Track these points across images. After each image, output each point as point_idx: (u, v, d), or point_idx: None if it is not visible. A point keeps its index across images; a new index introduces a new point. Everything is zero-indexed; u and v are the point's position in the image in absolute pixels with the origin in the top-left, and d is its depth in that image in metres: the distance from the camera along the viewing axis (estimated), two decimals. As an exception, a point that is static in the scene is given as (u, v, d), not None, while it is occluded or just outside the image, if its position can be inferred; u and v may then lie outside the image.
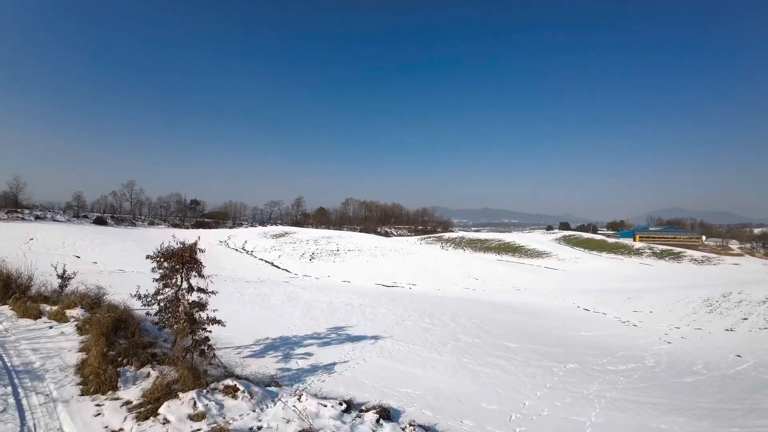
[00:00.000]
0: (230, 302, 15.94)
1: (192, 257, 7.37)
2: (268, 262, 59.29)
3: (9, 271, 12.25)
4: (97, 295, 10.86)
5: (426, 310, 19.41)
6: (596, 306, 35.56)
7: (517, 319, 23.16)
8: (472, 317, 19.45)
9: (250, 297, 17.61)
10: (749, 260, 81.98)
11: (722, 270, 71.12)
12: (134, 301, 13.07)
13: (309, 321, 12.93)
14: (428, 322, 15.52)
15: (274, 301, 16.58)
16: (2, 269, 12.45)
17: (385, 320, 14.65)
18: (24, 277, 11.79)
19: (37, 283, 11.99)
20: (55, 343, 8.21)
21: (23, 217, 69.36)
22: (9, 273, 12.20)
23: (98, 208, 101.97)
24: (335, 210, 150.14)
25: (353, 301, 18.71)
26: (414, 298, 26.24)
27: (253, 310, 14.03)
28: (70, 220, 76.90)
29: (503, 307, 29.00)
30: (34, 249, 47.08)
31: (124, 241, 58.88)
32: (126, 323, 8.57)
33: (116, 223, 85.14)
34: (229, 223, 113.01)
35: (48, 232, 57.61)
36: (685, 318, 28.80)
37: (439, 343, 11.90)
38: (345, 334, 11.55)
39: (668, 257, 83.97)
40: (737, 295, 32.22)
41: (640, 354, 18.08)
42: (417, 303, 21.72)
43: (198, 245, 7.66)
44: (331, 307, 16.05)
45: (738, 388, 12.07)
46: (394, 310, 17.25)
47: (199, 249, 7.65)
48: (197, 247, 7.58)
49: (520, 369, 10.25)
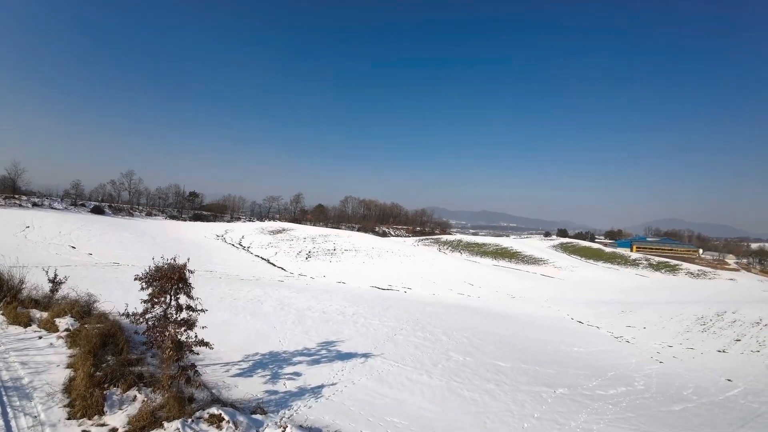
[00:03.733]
0: (222, 308, 15.87)
1: (181, 278, 7.29)
2: (264, 259, 59.21)
3: (1, 273, 12.15)
4: (88, 302, 10.78)
5: (419, 321, 19.36)
6: (590, 319, 35.61)
7: (511, 332, 23.15)
8: (464, 330, 19.42)
9: (243, 302, 17.54)
10: (745, 276, 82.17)
11: (717, 285, 71.26)
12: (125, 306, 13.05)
13: (300, 333, 12.87)
14: (420, 336, 15.47)
15: (266, 308, 16.51)
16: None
17: (377, 334, 14.59)
18: (15, 279, 11.70)
19: (29, 285, 11.89)
20: (44, 356, 8.14)
21: (21, 204, 69.08)
22: (1, 275, 12.10)
23: (96, 196, 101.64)
24: (334, 207, 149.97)
25: (346, 310, 18.64)
26: (408, 305, 26.17)
27: (244, 319, 13.95)
28: (67, 208, 76.62)
29: (497, 317, 28.99)
30: (30, 238, 46.93)
31: (121, 232, 58.74)
32: (115, 337, 8.51)
33: (114, 213, 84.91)
34: (227, 217, 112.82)
35: (44, 220, 57.40)
36: (678, 336, 28.85)
37: (430, 362, 11.86)
38: (335, 350, 11.49)
39: (664, 269, 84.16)
40: (731, 314, 32.26)
41: (631, 375, 18.09)
42: (410, 312, 21.65)
43: (187, 267, 7.57)
44: (324, 317, 15.98)
45: (726, 420, 12.07)
46: (386, 322, 17.19)
47: (188, 270, 7.57)
48: (186, 268, 7.50)
49: (510, 395, 10.22)
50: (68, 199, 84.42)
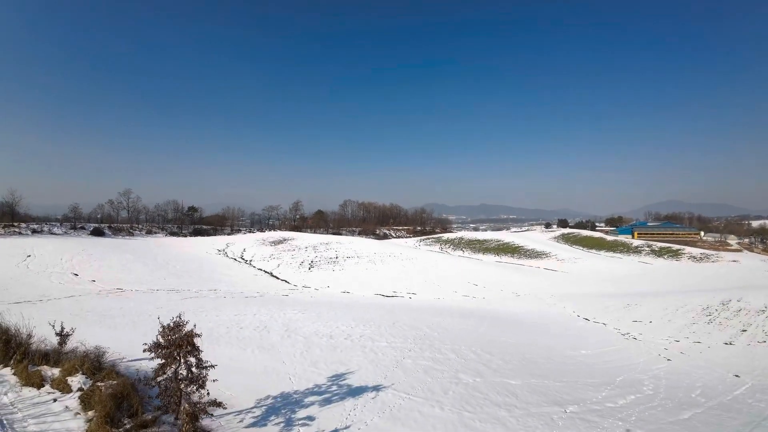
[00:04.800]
0: (230, 341, 15.98)
1: (190, 343, 7.39)
2: (267, 272, 59.32)
3: (8, 327, 12.23)
4: (98, 355, 10.88)
5: (426, 337, 19.48)
6: (596, 314, 35.74)
7: (518, 339, 23.27)
8: (472, 343, 19.54)
9: (249, 332, 17.63)
10: (748, 256, 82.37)
11: (721, 268, 71.40)
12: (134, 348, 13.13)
13: (309, 367, 12.98)
14: (429, 357, 15.59)
15: (273, 338, 16.61)
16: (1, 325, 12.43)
17: (385, 359, 14.70)
18: (23, 334, 11.78)
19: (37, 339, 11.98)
20: (62, 423, 8.24)
21: (20, 232, 69.12)
22: (8, 328, 12.19)
23: (95, 218, 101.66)
24: (333, 212, 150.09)
25: (353, 332, 18.75)
26: (414, 318, 26.29)
27: (252, 354, 14.05)
28: (67, 232, 76.65)
29: (503, 323, 29.12)
30: (32, 267, 47.01)
31: (122, 254, 58.79)
32: (129, 397, 8.61)
33: (114, 234, 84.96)
34: (227, 230, 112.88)
35: (45, 248, 57.46)
36: (684, 329, 29.00)
37: (441, 390, 11.97)
38: (346, 384, 11.60)
39: (667, 255, 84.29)
40: (736, 303, 32.42)
41: (639, 378, 18.22)
42: (417, 327, 21.76)
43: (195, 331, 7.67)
44: (331, 344, 16.09)
45: (733, 426, 12.19)
46: (394, 342, 17.31)
47: (196, 334, 7.66)
48: (194, 332, 7.60)
49: (521, 421, 10.34)
50: (68, 223, 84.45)
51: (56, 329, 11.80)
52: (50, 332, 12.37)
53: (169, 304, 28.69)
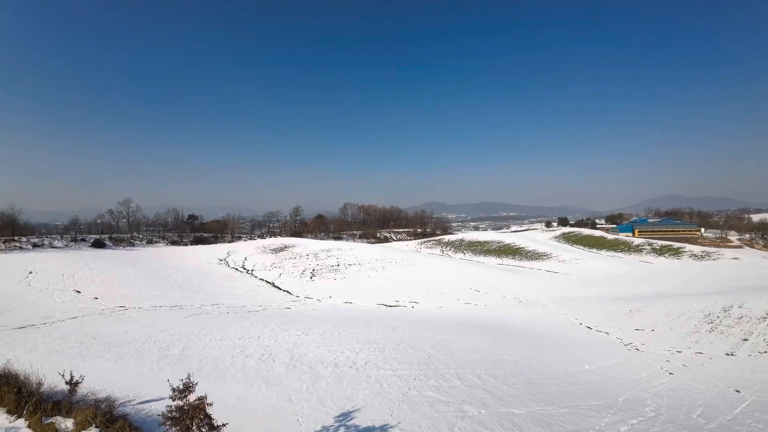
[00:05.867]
0: (235, 373, 16.09)
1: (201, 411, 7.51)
2: (269, 282, 59.45)
3: (17, 374, 12.35)
4: (109, 405, 11.00)
5: (431, 359, 19.64)
6: (599, 322, 35.89)
7: (522, 356, 23.40)
8: (476, 365, 19.69)
9: (254, 362, 17.75)
10: (748, 253, 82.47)
11: (722, 266, 71.61)
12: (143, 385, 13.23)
13: (316, 405, 13.10)
14: (434, 386, 15.72)
15: (278, 368, 16.74)
16: (10, 372, 12.54)
17: (391, 390, 14.83)
18: (34, 383, 11.89)
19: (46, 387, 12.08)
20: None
21: (21, 246, 69.25)
22: (17, 375, 12.30)
23: (96, 229, 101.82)
24: (333, 217, 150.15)
25: (358, 357, 18.89)
26: (417, 333, 26.48)
27: (259, 390, 14.17)
28: (68, 245, 76.78)
29: (507, 335, 29.22)
30: (33, 285, 47.13)
31: (124, 268, 58.93)
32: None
33: (114, 245, 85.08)
34: (227, 237, 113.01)
35: (47, 263, 57.61)
36: (686, 338, 29.13)
37: (446, 427, 12.10)
38: (353, 426, 11.73)
39: (668, 253, 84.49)
40: (738, 309, 32.54)
41: (642, 397, 18.36)
42: (421, 348, 21.94)
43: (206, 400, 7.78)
44: (337, 374, 16.22)
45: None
46: (399, 369, 17.45)
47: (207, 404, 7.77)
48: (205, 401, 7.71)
49: (527, 463, 10.46)
50: (68, 236, 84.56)
51: (65, 377, 11.90)
52: (59, 377, 12.47)
53: (172, 324, 28.82)
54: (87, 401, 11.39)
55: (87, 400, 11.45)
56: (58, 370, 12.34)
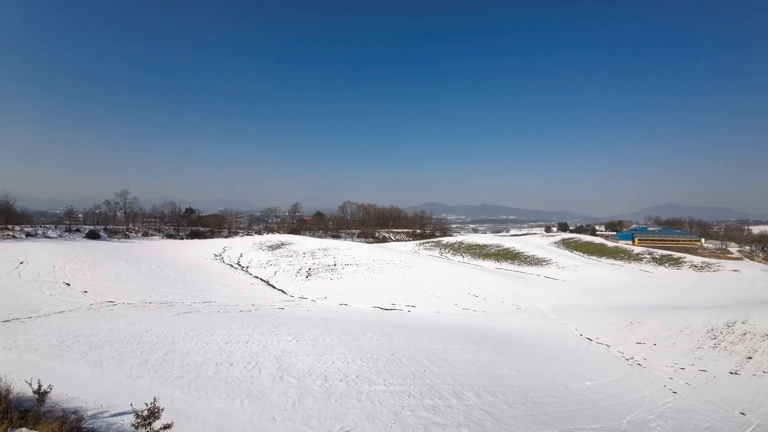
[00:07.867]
0: (218, 385, 15.13)
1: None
2: (264, 280, 58.48)
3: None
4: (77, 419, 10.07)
5: (426, 373, 18.76)
6: (599, 333, 35.01)
7: (520, 370, 22.52)
8: (474, 380, 18.82)
9: (239, 371, 16.82)
10: (749, 265, 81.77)
11: (722, 279, 70.86)
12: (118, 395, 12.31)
13: (301, 425, 12.16)
14: (429, 405, 14.80)
15: (264, 380, 15.80)
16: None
17: (383, 410, 13.91)
18: (2, 390, 10.93)
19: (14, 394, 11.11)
20: None
21: (14, 236, 68.17)
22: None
23: (92, 219, 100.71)
24: (332, 215, 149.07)
25: (349, 370, 17.97)
26: (414, 342, 25.57)
27: (241, 405, 13.24)
28: (62, 235, 75.69)
29: (506, 346, 28.30)
30: (23, 276, 46.11)
31: (116, 261, 57.82)
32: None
33: (109, 236, 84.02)
34: (224, 232, 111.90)
35: (39, 254, 56.56)
36: (689, 354, 28.26)
37: (441, 456, 11.20)
38: (340, 451, 10.82)
39: (668, 263, 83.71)
40: (741, 325, 31.74)
41: (646, 419, 17.48)
42: (416, 359, 21.06)
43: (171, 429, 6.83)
44: (326, 389, 15.29)
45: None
46: (392, 385, 16.53)
47: None
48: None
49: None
50: (62, 226, 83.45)
51: (33, 386, 10.95)
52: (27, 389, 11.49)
53: (160, 323, 27.83)
54: (55, 412, 10.44)
55: (56, 411, 10.50)
56: (30, 375, 11.39)
